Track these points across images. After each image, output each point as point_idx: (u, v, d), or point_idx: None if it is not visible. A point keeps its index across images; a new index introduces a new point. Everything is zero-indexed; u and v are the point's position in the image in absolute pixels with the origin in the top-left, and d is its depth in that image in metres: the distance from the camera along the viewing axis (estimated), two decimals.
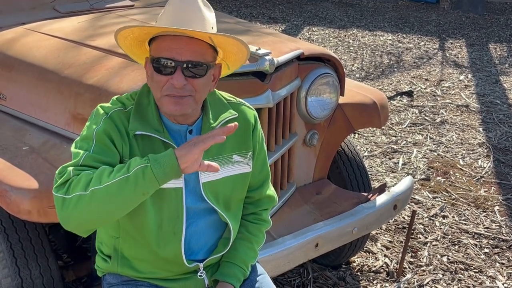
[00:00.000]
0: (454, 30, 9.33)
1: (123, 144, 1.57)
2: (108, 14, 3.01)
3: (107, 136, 1.55)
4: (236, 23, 2.98)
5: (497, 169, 4.41)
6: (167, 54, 1.51)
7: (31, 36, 2.68)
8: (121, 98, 1.65)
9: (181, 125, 1.63)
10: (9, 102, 2.50)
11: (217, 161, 1.66)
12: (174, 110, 1.54)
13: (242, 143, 1.72)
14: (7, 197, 1.96)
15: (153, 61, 1.53)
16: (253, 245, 1.81)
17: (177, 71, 1.51)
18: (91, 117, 1.62)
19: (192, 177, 1.65)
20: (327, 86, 2.65)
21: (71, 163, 1.52)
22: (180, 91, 1.52)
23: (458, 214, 3.76)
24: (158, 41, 1.54)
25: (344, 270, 3.13)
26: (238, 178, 1.72)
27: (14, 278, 2.11)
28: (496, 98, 6.08)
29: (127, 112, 1.60)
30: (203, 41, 1.54)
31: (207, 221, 1.71)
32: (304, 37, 8.57)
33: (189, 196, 1.65)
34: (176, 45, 1.51)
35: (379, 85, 6.39)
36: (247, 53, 1.62)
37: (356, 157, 3.05)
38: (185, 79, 1.51)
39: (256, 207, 1.84)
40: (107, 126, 1.57)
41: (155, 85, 1.55)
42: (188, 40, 1.51)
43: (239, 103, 1.76)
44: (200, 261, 1.72)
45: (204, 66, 1.54)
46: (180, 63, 1.51)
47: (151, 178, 1.43)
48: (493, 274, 3.16)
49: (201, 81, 1.55)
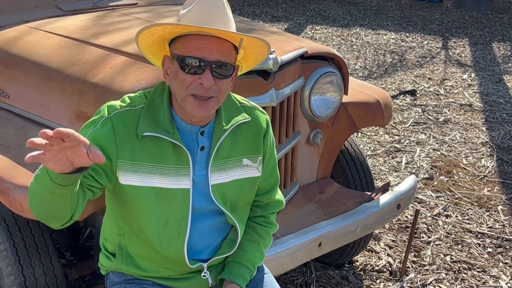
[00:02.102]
0: (458, 29, 9.31)
1: (118, 147, 1.55)
2: (111, 12, 3.00)
3: (98, 142, 1.53)
4: (240, 21, 2.98)
5: (500, 169, 4.40)
6: (196, 53, 1.50)
7: (34, 34, 2.67)
8: (132, 96, 1.64)
9: (194, 126, 1.62)
10: (12, 101, 2.50)
11: (226, 164, 1.66)
12: (198, 112, 1.54)
13: (253, 147, 1.71)
14: (10, 196, 1.96)
15: (180, 60, 1.51)
16: (261, 247, 1.81)
17: (206, 71, 1.50)
18: (96, 113, 1.61)
19: (202, 178, 1.64)
20: (330, 85, 2.65)
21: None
22: (207, 92, 1.52)
23: (462, 214, 3.76)
24: (185, 40, 1.52)
25: (347, 269, 3.12)
26: (246, 182, 1.71)
27: (17, 276, 2.11)
28: (500, 97, 6.07)
29: (137, 111, 1.59)
30: (229, 42, 1.53)
31: (213, 222, 1.70)
32: (307, 36, 8.56)
33: (196, 197, 1.65)
34: (205, 45, 1.50)
35: (382, 84, 6.38)
36: (267, 55, 1.63)
37: (359, 156, 3.04)
38: (213, 79, 1.51)
39: (265, 211, 1.84)
40: (103, 129, 1.55)
41: (179, 84, 1.53)
42: (216, 40, 1.51)
43: (253, 107, 1.75)
44: (204, 261, 1.72)
45: (230, 66, 1.54)
46: (210, 63, 1.50)
47: (45, 175, 1.37)
48: (497, 273, 3.16)
49: (226, 82, 1.55)
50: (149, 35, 1.57)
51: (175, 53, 1.54)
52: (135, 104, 1.60)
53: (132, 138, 1.57)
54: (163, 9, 3.09)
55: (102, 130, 1.55)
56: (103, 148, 1.54)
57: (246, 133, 1.70)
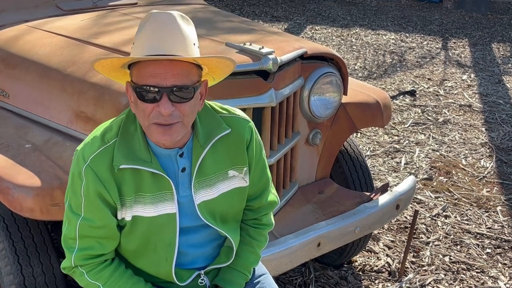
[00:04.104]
0: (457, 30, 9.31)
1: (110, 190, 1.52)
2: (111, 12, 3.00)
3: (96, 194, 1.52)
4: (241, 22, 2.98)
5: (499, 169, 4.41)
6: (151, 81, 1.43)
7: (34, 33, 2.68)
8: (101, 132, 1.57)
9: (171, 149, 1.56)
10: (12, 100, 2.50)
11: (211, 179, 1.61)
12: (163, 139, 1.48)
13: (237, 158, 1.64)
14: (9, 195, 1.97)
15: (136, 89, 1.45)
16: (255, 248, 1.78)
17: (163, 98, 1.43)
18: (72, 166, 1.56)
19: (187, 199, 1.60)
20: (330, 85, 2.65)
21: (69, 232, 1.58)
22: (168, 119, 1.45)
23: (461, 214, 3.76)
24: (139, 67, 1.45)
25: (346, 270, 3.13)
26: (234, 193, 1.66)
27: (16, 275, 2.11)
28: (499, 98, 6.07)
29: (110, 147, 1.53)
30: (187, 62, 1.46)
31: (203, 235, 1.68)
32: (307, 36, 8.56)
33: (184, 218, 1.61)
34: (159, 70, 1.42)
35: (382, 85, 6.38)
36: (233, 66, 1.55)
37: (358, 156, 3.05)
38: (172, 105, 1.44)
39: (257, 214, 1.79)
40: (91, 180, 1.51)
41: (141, 113, 1.48)
42: (170, 63, 1.43)
43: (232, 115, 1.66)
44: (200, 268, 1.71)
45: (190, 89, 1.46)
46: (165, 89, 1.43)
47: None
48: (495, 274, 3.16)
49: (189, 105, 1.47)
50: (100, 66, 1.51)
51: (132, 80, 1.48)
52: (107, 140, 1.54)
53: (114, 174, 1.53)
54: (163, 8, 3.09)
55: (90, 180, 1.51)
56: (106, 199, 1.53)
57: (228, 145, 1.63)
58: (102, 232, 1.56)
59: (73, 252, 1.57)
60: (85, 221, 1.54)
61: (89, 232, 1.55)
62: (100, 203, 1.53)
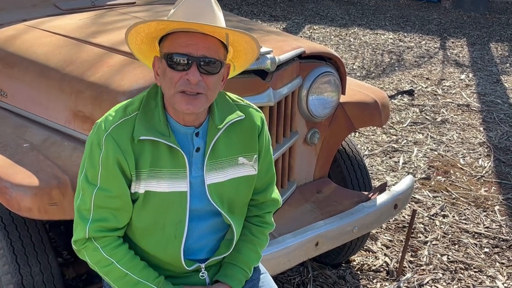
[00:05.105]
0: (456, 29, 9.32)
1: (129, 159, 1.56)
2: (109, 11, 3.00)
3: (115, 162, 1.56)
4: (239, 21, 2.98)
5: (497, 169, 4.41)
6: (182, 50, 1.51)
7: (32, 33, 2.67)
8: (123, 105, 1.63)
9: (188, 127, 1.62)
10: (10, 99, 2.50)
11: (222, 163, 1.66)
12: (186, 108, 1.54)
13: (248, 145, 1.71)
14: (7, 194, 1.96)
15: (167, 57, 1.52)
16: (256, 247, 1.81)
17: (193, 67, 1.51)
18: (92, 133, 1.61)
19: (198, 180, 1.64)
20: (328, 84, 2.65)
21: (83, 203, 1.60)
22: (195, 88, 1.52)
23: (458, 214, 3.76)
24: (172, 38, 1.53)
25: (344, 269, 3.13)
26: (243, 180, 1.71)
27: (14, 275, 2.11)
28: (497, 97, 6.08)
29: (131, 119, 1.59)
30: (217, 39, 1.54)
31: (210, 223, 1.70)
32: (305, 36, 8.56)
33: (194, 199, 1.65)
34: (191, 41, 1.51)
35: (380, 84, 6.38)
36: (257, 52, 1.63)
37: (356, 156, 3.05)
38: (200, 75, 1.51)
39: (260, 210, 1.83)
40: (111, 148, 1.55)
41: (168, 82, 1.54)
42: (203, 36, 1.51)
43: (247, 105, 1.75)
44: (201, 261, 1.72)
45: (218, 63, 1.54)
46: (196, 58, 1.51)
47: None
48: (493, 273, 3.16)
49: (214, 79, 1.55)
50: (136, 34, 1.58)
51: (163, 51, 1.55)
52: (129, 112, 1.61)
53: (133, 145, 1.57)
54: (161, 8, 3.09)
55: (110, 149, 1.55)
56: (124, 168, 1.57)
57: (241, 132, 1.70)
58: (117, 203, 1.59)
59: (87, 223, 1.59)
60: (101, 191, 1.57)
61: (105, 203, 1.58)
62: (117, 171, 1.56)
